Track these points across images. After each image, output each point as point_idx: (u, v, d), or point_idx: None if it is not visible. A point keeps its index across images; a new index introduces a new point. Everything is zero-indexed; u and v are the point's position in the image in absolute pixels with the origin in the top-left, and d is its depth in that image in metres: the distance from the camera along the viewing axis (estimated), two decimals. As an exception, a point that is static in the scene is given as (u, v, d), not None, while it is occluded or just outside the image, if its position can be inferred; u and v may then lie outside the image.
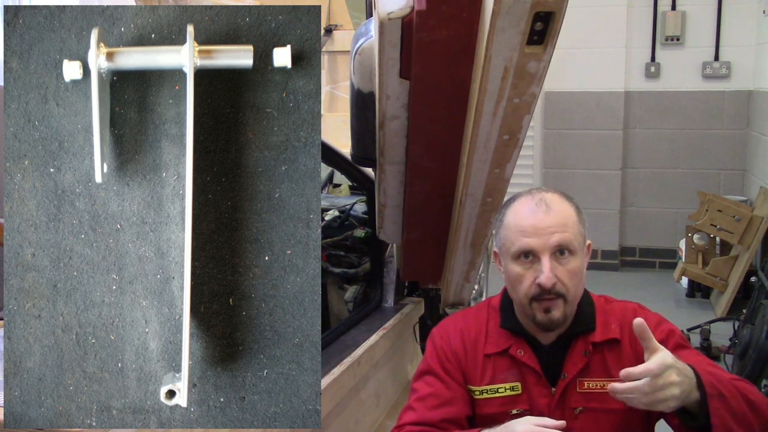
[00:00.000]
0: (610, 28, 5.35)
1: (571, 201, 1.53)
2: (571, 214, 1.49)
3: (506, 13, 1.25)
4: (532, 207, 1.48)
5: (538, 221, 1.46)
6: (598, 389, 1.51)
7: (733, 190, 5.30)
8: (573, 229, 1.48)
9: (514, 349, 1.55)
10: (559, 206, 1.49)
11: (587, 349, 1.52)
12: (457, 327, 1.62)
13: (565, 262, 1.46)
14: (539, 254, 1.45)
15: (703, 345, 3.79)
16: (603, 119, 5.50)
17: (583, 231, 1.51)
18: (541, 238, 1.45)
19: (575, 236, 1.48)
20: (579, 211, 1.52)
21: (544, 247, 1.45)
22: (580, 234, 1.50)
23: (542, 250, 1.45)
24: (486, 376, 1.56)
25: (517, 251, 1.47)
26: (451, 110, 1.64)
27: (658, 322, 1.56)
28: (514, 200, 1.54)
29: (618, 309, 1.59)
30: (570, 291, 1.47)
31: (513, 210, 1.51)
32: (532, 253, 1.46)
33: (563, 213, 1.48)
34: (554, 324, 1.48)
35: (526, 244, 1.46)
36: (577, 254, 1.48)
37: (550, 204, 1.48)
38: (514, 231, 1.48)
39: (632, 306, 1.61)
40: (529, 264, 1.47)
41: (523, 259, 1.47)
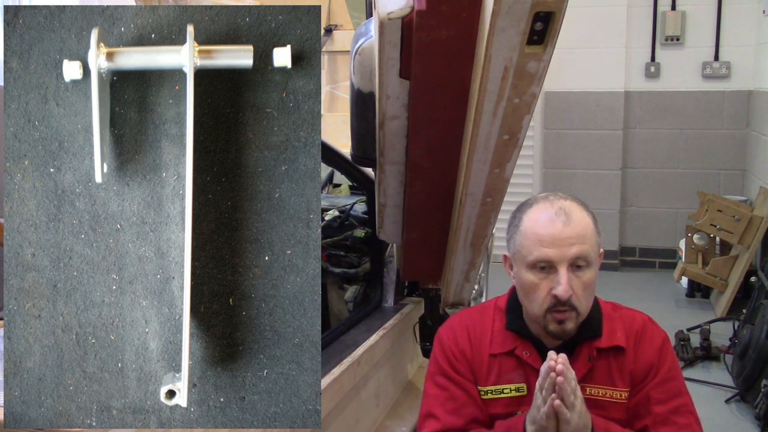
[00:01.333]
0: (610, 28, 5.35)
1: (588, 210, 1.51)
2: (589, 225, 1.47)
3: (506, 13, 1.25)
4: (551, 216, 1.45)
5: (557, 231, 1.43)
6: (599, 396, 1.52)
7: (733, 190, 5.30)
8: (591, 240, 1.46)
9: (520, 350, 1.54)
10: (578, 216, 1.46)
11: (591, 354, 1.52)
12: (464, 325, 1.61)
13: (581, 274, 1.44)
14: (557, 265, 1.43)
15: (703, 345, 3.79)
16: (603, 119, 5.50)
17: (599, 241, 1.49)
18: (560, 250, 1.42)
19: (592, 248, 1.46)
20: (595, 220, 1.50)
21: (562, 259, 1.43)
22: (596, 245, 1.48)
23: (560, 262, 1.43)
24: (492, 376, 1.56)
25: (533, 261, 1.45)
26: (451, 110, 1.63)
27: (663, 340, 1.56)
28: (530, 206, 1.51)
29: (626, 317, 1.58)
30: (583, 304, 1.46)
31: (530, 217, 1.48)
32: (549, 263, 1.44)
33: (582, 224, 1.46)
34: (567, 334, 1.48)
35: (544, 254, 1.43)
36: (593, 266, 1.46)
37: (570, 214, 1.45)
38: (531, 239, 1.46)
39: (642, 317, 1.59)
40: (545, 275, 1.45)
41: (540, 269, 1.45)
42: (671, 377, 1.53)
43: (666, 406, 1.50)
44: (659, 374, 1.52)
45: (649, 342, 1.55)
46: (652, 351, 1.53)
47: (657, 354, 1.53)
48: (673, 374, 1.54)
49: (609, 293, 1.66)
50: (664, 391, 1.51)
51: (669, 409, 1.50)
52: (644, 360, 1.53)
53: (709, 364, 3.74)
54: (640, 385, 1.52)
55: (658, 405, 1.50)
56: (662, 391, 1.51)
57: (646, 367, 1.52)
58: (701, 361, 3.76)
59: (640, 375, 1.52)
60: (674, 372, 1.54)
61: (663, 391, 1.51)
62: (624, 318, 1.58)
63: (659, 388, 1.51)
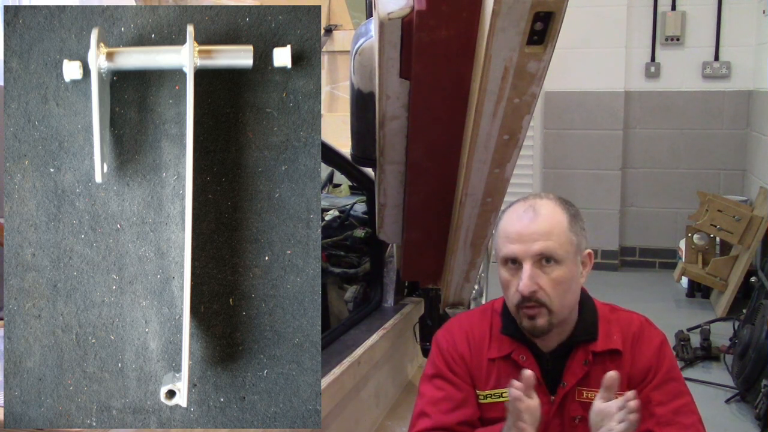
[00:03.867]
0: (610, 28, 5.35)
1: (566, 208, 1.50)
2: (559, 222, 1.46)
3: (506, 13, 1.25)
4: (519, 213, 1.48)
5: (522, 227, 1.45)
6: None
7: (733, 190, 5.30)
8: (560, 237, 1.45)
9: (516, 354, 1.54)
10: (547, 213, 1.46)
11: (587, 358, 1.52)
12: (463, 329, 1.61)
13: (549, 270, 1.44)
14: (521, 261, 1.44)
15: (703, 345, 3.79)
16: (603, 119, 5.50)
17: (574, 239, 1.47)
18: (524, 245, 1.44)
19: (562, 245, 1.45)
20: (574, 218, 1.49)
21: (525, 254, 1.43)
22: (569, 242, 1.46)
23: (524, 257, 1.44)
24: (491, 380, 1.56)
25: (503, 257, 1.48)
26: (451, 110, 1.63)
27: (662, 342, 1.56)
28: (510, 205, 1.54)
29: (623, 319, 1.57)
30: (554, 300, 1.44)
31: (506, 215, 1.52)
32: (515, 259, 1.45)
33: (550, 220, 1.46)
34: (538, 331, 1.47)
35: (510, 250, 1.45)
36: (564, 263, 1.45)
37: (538, 210, 1.46)
38: (502, 236, 1.49)
39: (639, 319, 1.59)
40: (515, 270, 1.46)
41: (511, 265, 1.47)
42: (671, 378, 1.53)
43: (668, 407, 1.49)
44: (658, 376, 1.52)
45: (647, 344, 1.54)
46: (650, 353, 1.53)
47: (655, 356, 1.53)
48: (673, 375, 1.54)
49: (609, 293, 1.67)
50: (664, 392, 1.51)
51: (671, 409, 1.49)
52: (642, 363, 1.52)
53: (709, 364, 3.74)
54: (638, 387, 1.52)
55: (659, 406, 1.49)
56: (663, 393, 1.51)
57: (643, 370, 1.52)
58: (701, 361, 3.76)
59: (637, 378, 1.52)
60: (674, 373, 1.54)
61: (663, 393, 1.51)
62: (621, 320, 1.57)
63: (659, 390, 1.51)
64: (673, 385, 1.52)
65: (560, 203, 1.50)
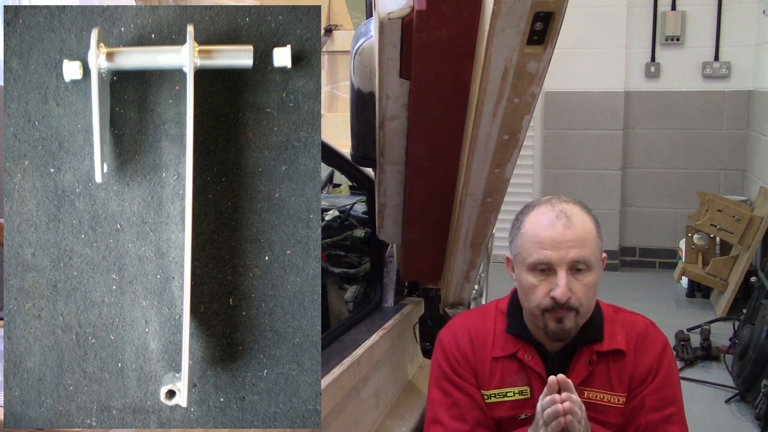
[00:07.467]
0: (610, 28, 5.35)
1: (591, 213, 1.51)
2: (590, 229, 1.48)
3: (506, 13, 1.25)
4: (552, 219, 1.46)
5: (557, 234, 1.44)
6: (598, 400, 1.52)
7: (733, 190, 5.31)
8: (591, 244, 1.46)
9: (522, 353, 1.54)
10: (579, 220, 1.47)
11: (592, 358, 1.52)
12: (465, 329, 1.61)
13: (581, 277, 1.45)
14: (556, 268, 1.44)
15: (703, 345, 3.79)
16: (603, 119, 5.50)
17: (600, 245, 1.49)
18: (559, 252, 1.43)
19: (593, 251, 1.46)
20: (598, 224, 1.51)
21: (561, 262, 1.43)
22: (597, 249, 1.48)
23: (560, 264, 1.43)
24: (494, 379, 1.56)
25: (533, 263, 1.46)
26: (451, 110, 1.63)
27: (664, 346, 1.56)
28: (532, 208, 1.52)
29: (627, 320, 1.58)
30: (583, 305, 1.46)
31: (532, 219, 1.50)
32: (549, 266, 1.44)
33: (583, 227, 1.46)
34: (566, 334, 1.48)
35: (544, 256, 1.44)
36: (594, 269, 1.47)
37: (570, 217, 1.46)
38: (531, 241, 1.47)
39: (644, 321, 1.59)
40: (544, 277, 1.46)
41: (540, 270, 1.46)
42: (667, 384, 1.53)
43: (658, 414, 1.50)
44: (656, 380, 1.52)
45: (650, 346, 1.55)
46: (652, 356, 1.54)
47: (657, 359, 1.53)
48: (670, 381, 1.54)
49: (609, 293, 1.67)
50: (658, 398, 1.51)
51: (660, 417, 1.50)
52: (644, 364, 1.53)
53: (709, 364, 3.74)
54: (638, 389, 1.52)
55: (650, 413, 1.50)
56: (657, 399, 1.51)
57: (645, 372, 1.53)
58: (701, 361, 3.76)
59: (638, 379, 1.52)
60: (671, 378, 1.54)
61: (657, 399, 1.51)
62: (626, 321, 1.57)
63: (654, 396, 1.51)
64: (668, 391, 1.53)
65: (585, 209, 1.51)
